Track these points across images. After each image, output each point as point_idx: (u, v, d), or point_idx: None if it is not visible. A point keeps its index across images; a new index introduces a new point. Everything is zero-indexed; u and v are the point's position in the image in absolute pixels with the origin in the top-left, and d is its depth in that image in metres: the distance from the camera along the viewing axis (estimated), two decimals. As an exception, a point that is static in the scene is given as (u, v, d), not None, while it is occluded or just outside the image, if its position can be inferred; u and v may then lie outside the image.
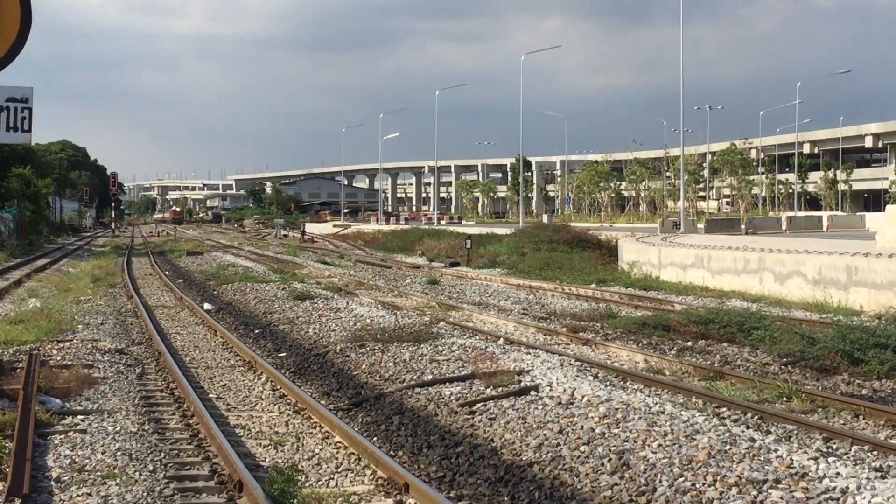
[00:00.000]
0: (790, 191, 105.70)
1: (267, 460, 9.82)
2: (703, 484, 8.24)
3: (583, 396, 11.34)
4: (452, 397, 12.10)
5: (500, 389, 12.08)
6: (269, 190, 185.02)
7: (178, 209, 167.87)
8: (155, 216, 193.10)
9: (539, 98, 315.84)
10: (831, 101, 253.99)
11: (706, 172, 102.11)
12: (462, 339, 16.39)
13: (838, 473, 8.23)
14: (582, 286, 29.02)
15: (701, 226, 56.50)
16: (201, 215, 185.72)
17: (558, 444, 9.72)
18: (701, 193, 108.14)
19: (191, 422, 11.22)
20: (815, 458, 8.66)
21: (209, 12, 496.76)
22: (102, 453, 9.65)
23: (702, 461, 8.71)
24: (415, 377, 13.51)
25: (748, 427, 10.47)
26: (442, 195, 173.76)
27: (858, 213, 73.05)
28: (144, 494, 8.44)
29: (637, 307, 23.13)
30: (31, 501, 8.09)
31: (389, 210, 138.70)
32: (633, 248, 34.09)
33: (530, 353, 14.94)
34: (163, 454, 9.75)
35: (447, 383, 12.80)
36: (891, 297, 20.65)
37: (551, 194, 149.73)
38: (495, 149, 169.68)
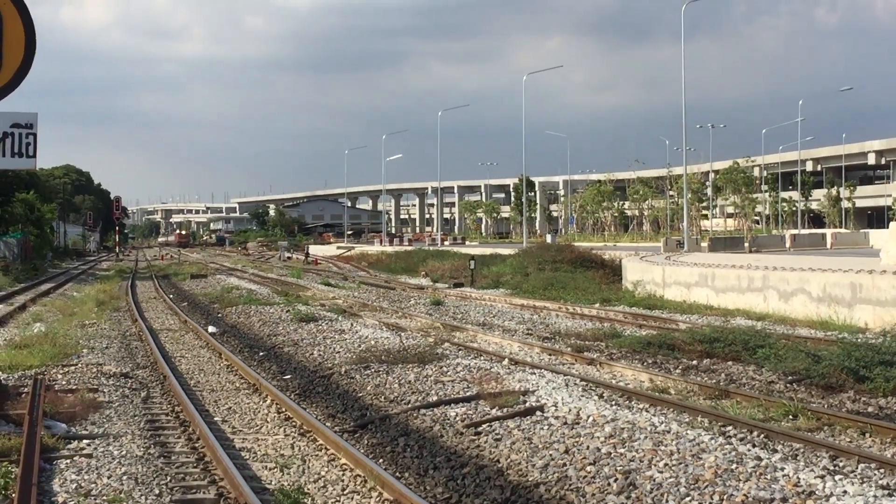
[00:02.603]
0: (794, 208, 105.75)
1: (273, 483, 9.81)
2: (710, 503, 8.22)
3: (588, 416, 11.33)
4: (458, 418, 12.09)
5: (505, 410, 12.06)
6: (272, 212, 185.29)
7: (183, 232, 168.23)
8: (158, 239, 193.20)
9: (542, 118, 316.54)
10: (834, 119, 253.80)
11: (709, 191, 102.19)
12: (467, 359, 16.38)
13: (845, 492, 8.21)
14: (586, 306, 29.00)
15: (705, 244, 56.47)
16: (205, 238, 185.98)
17: (564, 465, 9.70)
18: (704, 212, 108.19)
19: (196, 445, 11.22)
20: (822, 477, 8.64)
21: (211, 35, 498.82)
22: (108, 477, 9.65)
23: (708, 480, 8.70)
24: (420, 398, 13.50)
25: (754, 446, 10.46)
26: (445, 216, 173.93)
27: (862, 231, 72.98)
28: (150, 518, 8.43)
29: (641, 326, 23.11)
30: (38, 526, 8.09)
31: (393, 231, 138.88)
32: (637, 267, 34.08)
33: (535, 374, 14.92)
34: (169, 478, 9.75)
35: (452, 404, 12.79)
36: (895, 314, 20.64)
37: (555, 214, 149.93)
38: (498, 169, 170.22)
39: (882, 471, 9.56)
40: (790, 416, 12.27)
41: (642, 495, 8.61)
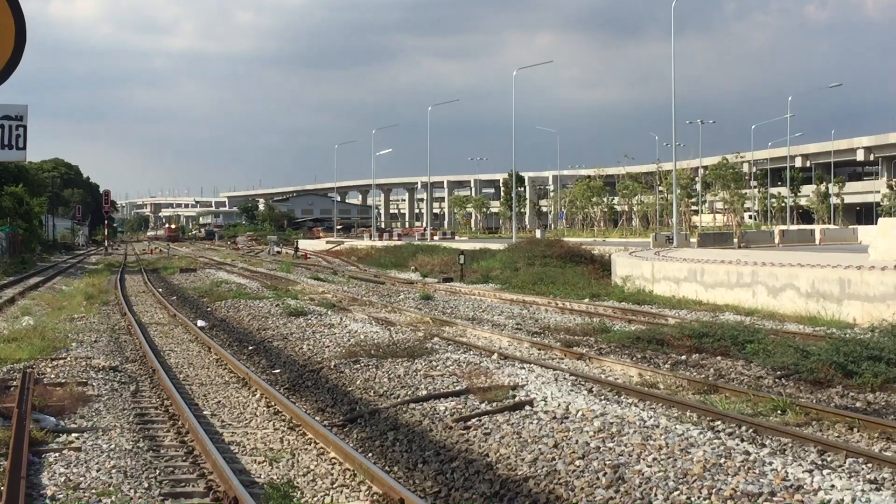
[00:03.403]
0: (783, 204, 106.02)
1: (262, 477, 9.81)
2: (699, 497, 8.25)
3: (577, 411, 11.35)
4: (447, 412, 12.11)
5: (494, 404, 12.08)
6: (261, 207, 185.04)
7: (173, 226, 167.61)
8: (148, 234, 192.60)
9: (532, 113, 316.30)
10: (823, 115, 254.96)
11: (699, 187, 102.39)
12: (456, 354, 16.39)
13: (833, 486, 8.25)
14: (575, 301, 29.05)
15: (694, 240, 56.56)
16: (194, 232, 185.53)
17: (553, 459, 9.72)
18: (693, 208, 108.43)
19: (186, 439, 11.21)
20: (810, 471, 8.69)
21: (201, 30, 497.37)
22: (97, 471, 9.63)
23: (697, 475, 8.73)
24: (409, 393, 13.51)
25: (743, 440, 10.49)
26: (435, 211, 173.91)
27: (851, 227, 73.20)
28: (140, 512, 8.42)
29: (631, 321, 23.15)
30: (26, 520, 8.07)
31: (382, 226, 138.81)
32: (627, 262, 34.14)
33: (524, 368, 14.95)
34: (158, 471, 9.74)
35: (442, 398, 12.80)
36: (883, 310, 20.71)
37: (544, 209, 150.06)
38: (488, 164, 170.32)
39: (870, 465, 9.60)
40: (779, 411, 12.31)
41: (631, 489, 8.64)
